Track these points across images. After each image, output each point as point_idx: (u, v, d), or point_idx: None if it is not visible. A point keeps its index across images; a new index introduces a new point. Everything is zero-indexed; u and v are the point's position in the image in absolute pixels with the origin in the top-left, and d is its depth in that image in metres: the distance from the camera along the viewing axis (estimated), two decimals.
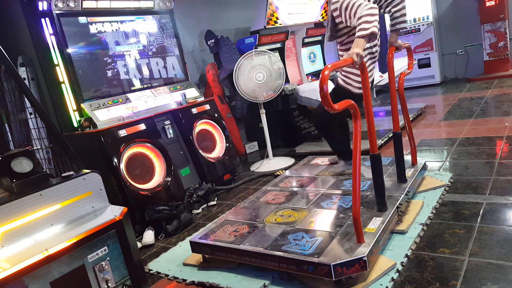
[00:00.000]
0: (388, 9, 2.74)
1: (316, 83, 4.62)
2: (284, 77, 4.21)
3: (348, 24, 2.53)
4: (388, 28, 4.96)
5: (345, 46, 2.75)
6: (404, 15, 2.74)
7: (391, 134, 3.21)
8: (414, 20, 7.39)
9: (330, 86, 2.80)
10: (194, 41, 5.12)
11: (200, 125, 3.97)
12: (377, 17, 2.31)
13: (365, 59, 2.56)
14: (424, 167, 3.12)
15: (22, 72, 3.36)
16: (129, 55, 3.76)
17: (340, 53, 2.83)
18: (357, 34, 2.28)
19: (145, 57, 3.91)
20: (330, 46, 6.84)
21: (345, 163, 3.26)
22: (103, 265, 1.91)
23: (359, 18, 2.31)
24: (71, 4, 3.24)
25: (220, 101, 4.74)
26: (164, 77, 4.08)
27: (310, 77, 5.90)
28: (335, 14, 2.61)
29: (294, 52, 5.87)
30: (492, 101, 5.40)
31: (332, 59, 6.89)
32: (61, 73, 3.23)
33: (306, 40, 5.93)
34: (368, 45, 2.67)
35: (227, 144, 4.11)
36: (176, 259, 2.61)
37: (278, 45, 5.33)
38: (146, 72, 3.91)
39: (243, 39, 4.98)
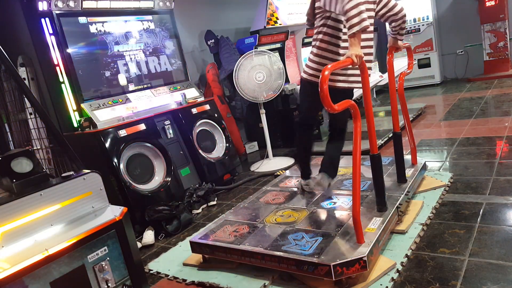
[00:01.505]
0: (388, 20, 2.61)
1: None
2: (284, 77, 4.20)
3: (328, 8, 2.30)
4: (387, 26, 4.95)
5: (317, 29, 2.53)
6: (404, 28, 2.65)
7: (391, 134, 3.21)
8: (414, 20, 7.39)
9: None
10: (194, 41, 5.11)
11: (200, 125, 3.97)
12: (361, 7, 2.10)
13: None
14: (424, 167, 3.12)
15: (22, 72, 3.36)
16: (129, 55, 3.76)
17: (313, 43, 2.58)
18: (349, 33, 2.13)
19: (145, 57, 3.91)
20: None
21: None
22: (103, 265, 1.91)
23: (344, 13, 2.12)
24: (71, 4, 3.24)
25: (220, 101, 4.74)
26: (164, 77, 4.08)
27: None
28: None
29: (294, 52, 5.86)
30: (492, 101, 5.40)
31: None
32: (61, 73, 3.22)
33: (306, 40, 5.92)
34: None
35: (227, 144, 4.11)
36: (176, 259, 2.61)
37: (278, 45, 5.32)
38: (146, 72, 3.91)
39: (243, 39, 4.98)
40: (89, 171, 2.04)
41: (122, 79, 3.65)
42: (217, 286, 2.19)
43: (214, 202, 3.56)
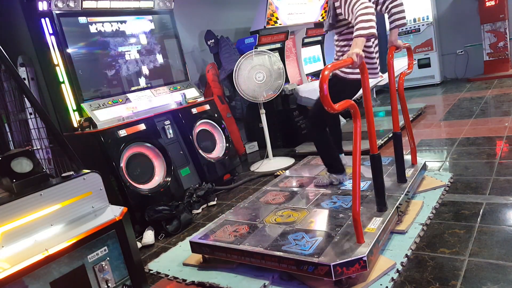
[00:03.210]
0: (385, 5, 2.69)
1: (316, 83, 4.62)
2: (284, 77, 4.21)
3: (347, 18, 2.49)
4: (387, 26, 4.95)
5: (343, 36, 2.72)
6: (402, 11, 2.68)
7: (391, 134, 3.21)
8: (414, 20, 7.40)
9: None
10: (194, 41, 5.12)
11: (200, 125, 3.97)
12: (372, 16, 2.26)
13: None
14: (424, 167, 3.12)
15: (22, 72, 3.36)
16: (129, 55, 3.76)
17: (336, 43, 2.79)
18: (355, 34, 2.23)
19: (145, 57, 3.91)
20: (330, 47, 6.83)
21: (335, 176, 3.04)
22: (103, 265, 1.91)
23: (356, 17, 2.28)
24: (71, 4, 3.24)
25: (220, 101, 4.74)
26: (164, 77, 4.08)
27: (310, 77, 5.90)
28: (336, 4, 2.56)
29: (294, 52, 5.87)
30: (492, 101, 5.40)
31: (332, 59, 6.87)
32: (61, 73, 3.22)
33: (306, 40, 5.93)
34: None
35: (227, 144, 4.11)
36: (176, 259, 2.61)
37: (278, 45, 5.33)
38: (146, 72, 3.91)
39: (243, 39, 4.98)
40: (89, 171, 2.04)
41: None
42: (217, 286, 2.19)
43: (214, 202, 3.56)
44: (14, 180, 1.88)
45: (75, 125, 3.28)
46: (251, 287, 2.11)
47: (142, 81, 3.86)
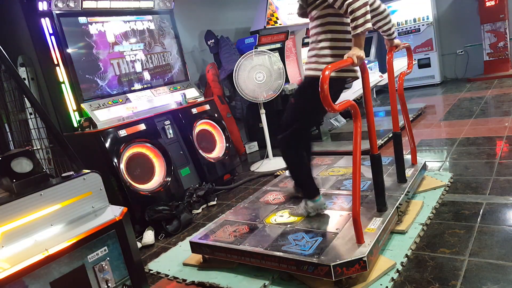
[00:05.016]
0: (374, 21, 2.53)
1: None
2: (284, 77, 4.21)
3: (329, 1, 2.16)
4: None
5: (316, 21, 2.34)
6: (392, 27, 2.62)
7: (391, 134, 3.21)
8: (414, 20, 7.40)
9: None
10: (194, 41, 5.12)
11: (200, 125, 3.96)
12: (368, 8, 2.05)
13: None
14: (424, 167, 3.12)
15: (22, 72, 3.36)
16: (129, 55, 3.76)
17: (312, 31, 2.38)
18: (354, 32, 2.08)
19: (145, 57, 3.91)
20: None
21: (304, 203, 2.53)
22: (103, 265, 1.91)
23: (351, 11, 2.04)
24: (71, 4, 3.24)
25: (220, 101, 4.74)
26: (164, 77, 4.08)
27: None
28: None
29: (294, 52, 5.86)
30: (492, 101, 5.40)
31: None
32: (61, 73, 3.22)
33: (306, 40, 5.92)
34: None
35: (227, 144, 4.11)
36: (176, 259, 2.61)
37: (278, 45, 5.32)
38: (146, 72, 3.91)
39: (243, 39, 4.98)
40: (89, 171, 2.03)
41: None
42: (217, 286, 2.19)
43: (214, 202, 3.56)
44: (14, 180, 1.88)
45: (75, 125, 3.28)
46: (251, 287, 2.12)
47: (142, 81, 3.86)
